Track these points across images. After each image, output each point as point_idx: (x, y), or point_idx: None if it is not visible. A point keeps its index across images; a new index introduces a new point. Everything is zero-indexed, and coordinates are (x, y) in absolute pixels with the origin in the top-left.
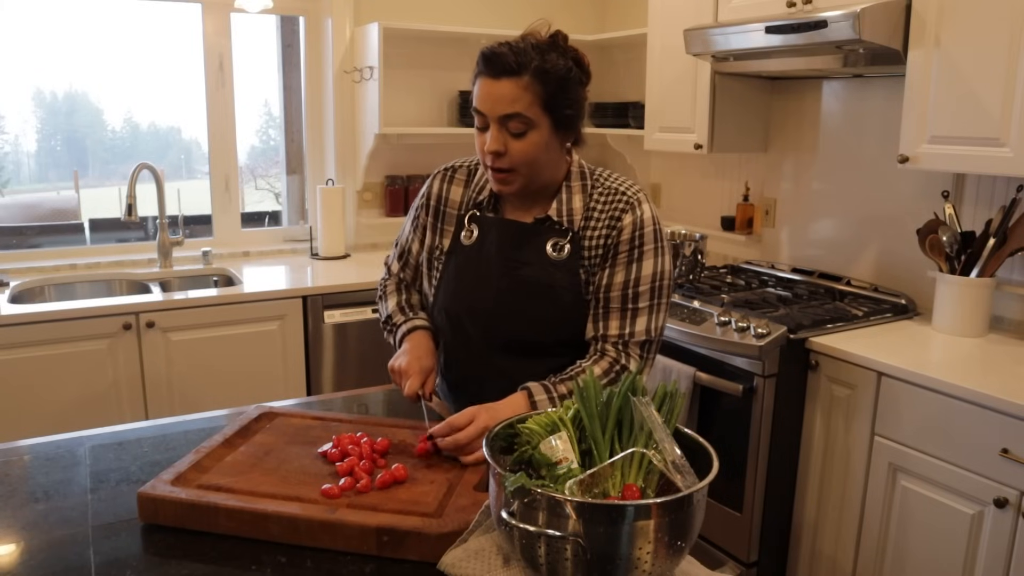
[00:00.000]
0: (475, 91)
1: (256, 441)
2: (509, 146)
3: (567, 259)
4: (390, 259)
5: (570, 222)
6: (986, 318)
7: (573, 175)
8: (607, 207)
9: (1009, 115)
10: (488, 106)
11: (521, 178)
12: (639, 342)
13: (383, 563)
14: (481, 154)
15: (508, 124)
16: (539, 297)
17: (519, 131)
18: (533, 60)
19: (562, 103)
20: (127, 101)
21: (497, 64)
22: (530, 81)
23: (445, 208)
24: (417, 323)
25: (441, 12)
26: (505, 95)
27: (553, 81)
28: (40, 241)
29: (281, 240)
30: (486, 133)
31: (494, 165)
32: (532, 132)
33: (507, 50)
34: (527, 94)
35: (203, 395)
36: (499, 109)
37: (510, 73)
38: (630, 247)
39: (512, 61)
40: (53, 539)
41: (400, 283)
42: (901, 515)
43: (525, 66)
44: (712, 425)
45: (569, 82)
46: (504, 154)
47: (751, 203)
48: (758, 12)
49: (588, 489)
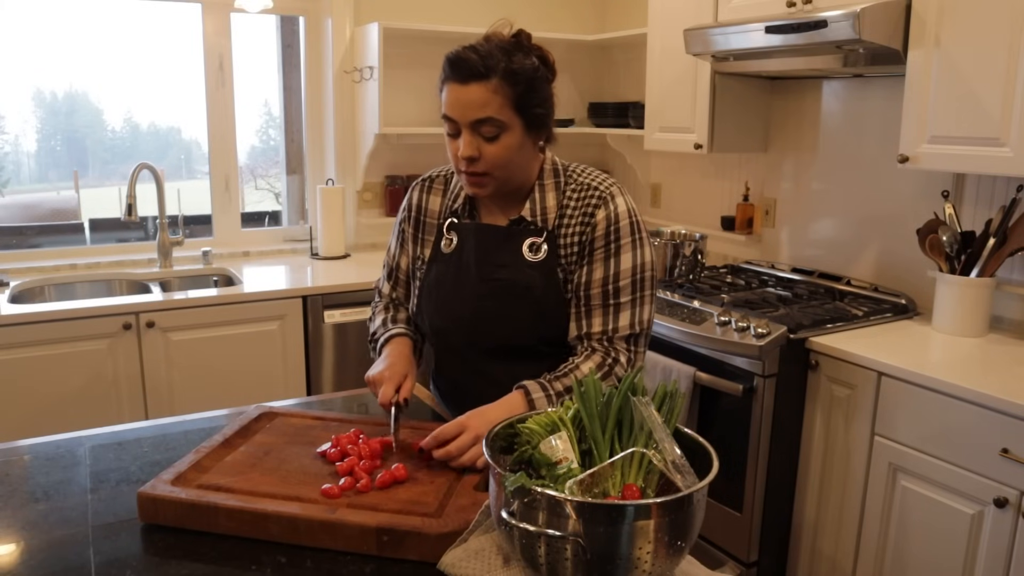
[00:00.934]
0: (443, 97)
1: (256, 441)
2: (483, 150)
3: (544, 259)
4: (380, 282)
5: (544, 221)
6: (986, 318)
7: (546, 173)
8: (580, 203)
9: (1009, 115)
10: (458, 112)
11: (495, 181)
12: (624, 336)
13: (383, 563)
14: (454, 160)
15: (480, 129)
16: (518, 300)
17: (492, 135)
18: (500, 62)
19: (532, 102)
20: (127, 101)
21: (464, 69)
22: (499, 84)
23: (425, 218)
24: (395, 331)
25: (441, 12)
26: (475, 100)
27: (522, 82)
28: (40, 241)
29: (281, 240)
30: (458, 139)
31: (468, 170)
32: (505, 135)
33: (473, 54)
34: (497, 97)
35: (203, 395)
36: (470, 114)
37: (478, 77)
38: (606, 242)
39: (479, 65)
40: (53, 539)
41: (390, 303)
42: (901, 515)
43: (493, 69)
44: (712, 425)
45: (537, 81)
46: (478, 159)
47: (751, 203)
48: (758, 12)
49: (588, 489)
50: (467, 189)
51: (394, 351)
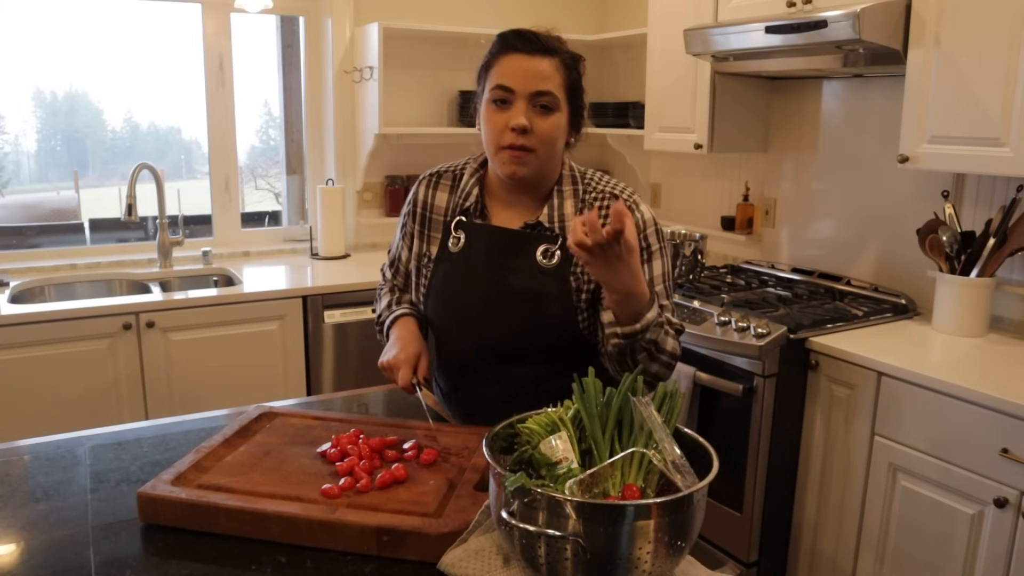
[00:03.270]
0: (498, 68)
1: (256, 441)
2: (535, 123)
3: (557, 266)
4: (385, 267)
5: (562, 228)
6: (986, 318)
7: (565, 179)
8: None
9: (1009, 115)
10: (520, 81)
11: (537, 160)
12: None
13: (383, 563)
14: (498, 134)
15: (538, 101)
16: (528, 306)
17: (547, 109)
18: (561, 47)
19: (579, 94)
20: (127, 101)
21: (532, 42)
22: (560, 64)
23: (431, 215)
24: (400, 312)
25: (441, 12)
26: (541, 71)
27: (576, 71)
28: (40, 241)
29: (281, 240)
30: (506, 112)
31: (516, 143)
32: (556, 114)
33: (535, 35)
34: (558, 75)
35: (203, 395)
36: (532, 85)
37: (545, 52)
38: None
39: (545, 42)
40: (53, 539)
41: (394, 287)
42: (901, 515)
43: (556, 50)
44: (712, 425)
45: (582, 78)
46: (530, 131)
47: (751, 203)
48: (758, 12)
49: (588, 489)
50: (505, 168)
51: (403, 332)
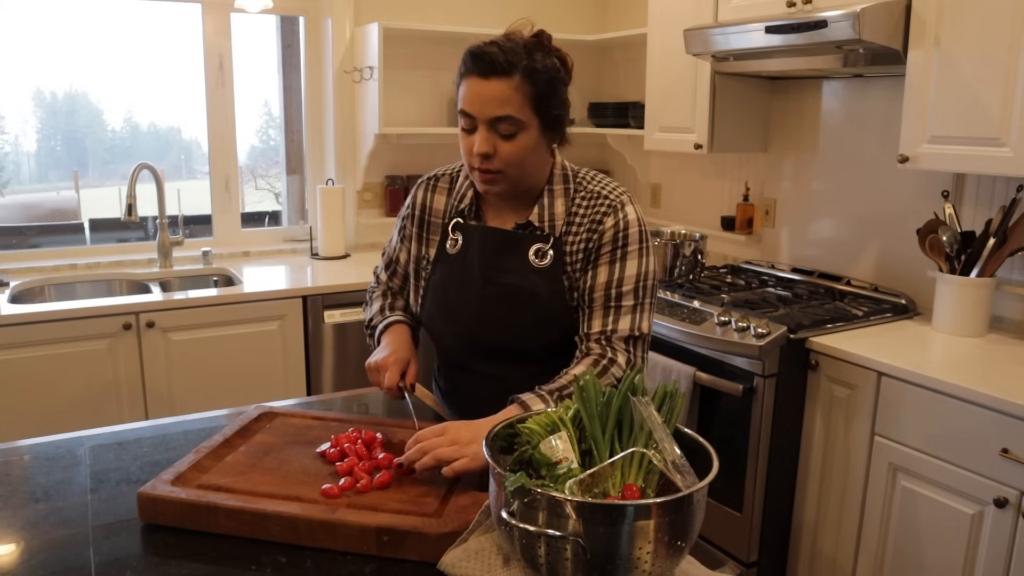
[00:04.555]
0: (461, 92)
1: (256, 441)
2: (498, 148)
3: (550, 266)
4: (378, 269)
5: (552, 227)
6: (986, 318)
7: (556, 178)
8: (589, 211)
9: (1009, 115)
10: (477, 108)
11: (508, 179)
12: (623, 337)
13: (383, 563)
14: (467, 156)
15: (498, 126)
16: (522, 305)
17: (509, 133)
18: (523, 60)
19: (551, 103)
20: (127, 101)
21: (486, 64)
22: (520, 81)
23: (429, 217)
24: (393, 318)
25: (441, 12)
26: (496, 96)
27: (543, 81)
28: (40, 241)
29: (281, 240)
30: (473, 135)
31: (482, 167)
32: (522, 134)
33: (496, 49)
34: (518, 95)
35: (203, 395)
36: (489, 111)
37: (500, 73)
38: (612, 247)
39: (502, 60)
40: (53, 539)
41: (387, 291)
42: (901, 515)
43: (515, 66)
44: (712, 425)
45: (556, 82)
46: (493, 156)
47: (751, 203)
48: (758, 12)
49: (588, 489)
50: (479, 186)
51: (395, 338)
